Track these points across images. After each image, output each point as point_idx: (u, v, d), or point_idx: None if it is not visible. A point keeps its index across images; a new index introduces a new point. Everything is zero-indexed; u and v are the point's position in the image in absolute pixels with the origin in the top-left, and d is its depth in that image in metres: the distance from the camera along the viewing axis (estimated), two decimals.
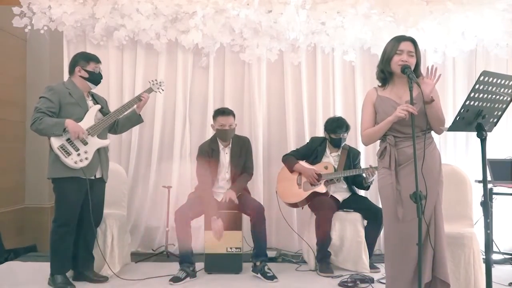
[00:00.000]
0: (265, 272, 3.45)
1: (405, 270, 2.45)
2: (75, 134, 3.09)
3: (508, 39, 4.25)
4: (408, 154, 2.46)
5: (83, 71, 3.27)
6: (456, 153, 4.42)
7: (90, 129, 3.20)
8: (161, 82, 3.66)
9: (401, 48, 2.48)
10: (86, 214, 3.24)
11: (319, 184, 3.78)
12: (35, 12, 4.10)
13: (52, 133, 3.08)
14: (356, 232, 3.66)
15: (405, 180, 2.47)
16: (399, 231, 2.48)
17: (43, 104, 3.12)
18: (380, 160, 2.59)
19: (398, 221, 2.47)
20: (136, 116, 3.50)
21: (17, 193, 4.67)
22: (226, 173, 3.72)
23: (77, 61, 3.30)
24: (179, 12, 4.14)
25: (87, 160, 3.17)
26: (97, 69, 3.32)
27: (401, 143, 2.50)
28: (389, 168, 2.51)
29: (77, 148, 3.14)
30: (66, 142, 3.11)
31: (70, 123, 3.10)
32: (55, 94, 3.16)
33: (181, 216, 3.51)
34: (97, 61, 3.34)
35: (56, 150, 3.09)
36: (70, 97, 3.20)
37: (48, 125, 3.07)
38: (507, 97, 2.21)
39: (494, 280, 2.38)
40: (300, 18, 4.11)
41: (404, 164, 2.50)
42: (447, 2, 4.12)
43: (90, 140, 3.20)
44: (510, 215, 4.21)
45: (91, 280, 3.33)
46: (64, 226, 3.18)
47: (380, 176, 2.60)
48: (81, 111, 3.22)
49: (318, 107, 4.42)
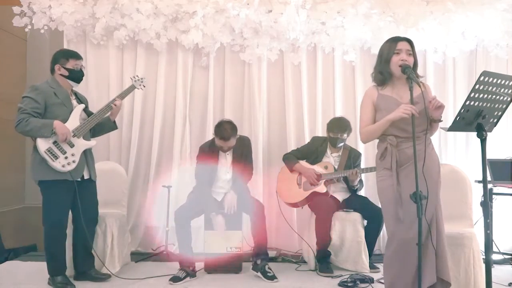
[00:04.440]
0: (266, 271, 3.45)
1: (405, 274, 2.43)
2: (63, 136, 3.02)
3: (508, 39, 4.25)
4: (409, 155, 2.45)
5: (62, 69, 3.18)
6: (456, 153, 4.42)
7: (76, 131, 3.13)
8: (142, 78, 3.59)
9: (399, 47, 2.47)
10: (78, 215, 3.21)
11: (319, 184, 3.78)
12: (35, 11, 4.10)
13: (40, 135, 3.00)
14: (356, 232, 3.66)
15: (406, 181, 2.46)
16: (401, 234, 2.46)
17: (27, 104, 3.03)
18: (380, 161, 2.57)
19: (400, 223, 2.46)
20: (110, 123, 3.42)
21: (17, 193, 4.67)
22: (227, 173, 3.71)
23: (57, 58, 3.20)
24: (179, 12, 4.14)
25: (74, 163, 3.11)
26: (77, 66, 3.21)
27: (403, 144, 2.49)
28: (390, 169, 2.50)
29: (64, 151, 3.07)
30: (53, 145, 3.04)
31: (58, 124, 3.02)
32: (40, 94, 3.07)
33: (181, 216, 3.51)
34: (77, 57, 3.24)
35: (43, 153, 3.01)
36: (56, 97, 3.12)
37: (36, 126, 2.99)
38: (507, 97, 2.21)
39: (494, 280, 2.39)
40: (300, 18, 4.11)
41: (405, 165, 2.49)
42: (447, 2, 4.11)
43: (76, 142, 3.13)
44: (510, 215, 4.21)
45: (93, 278, 3.32)
46: (55, 228, 3.15)
47: (379, 178, 2.58)
48: (66, 111, 3.15)
49: (318, 107, 4.42)
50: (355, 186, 3.80)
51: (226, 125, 3.57)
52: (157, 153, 4.38)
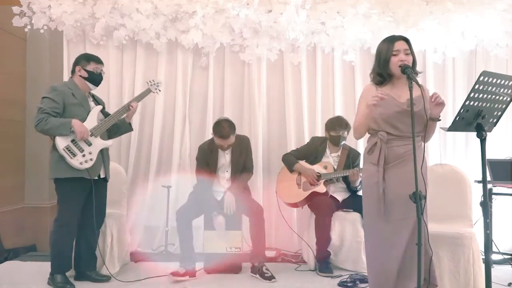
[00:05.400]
0: (263, 272, 3.45)
1: (388, 271, 2.42)
2: (81, 134, 3.11)
3: (508, 39, 4.25)
4: (398, 154, 2.45)
5: (83, 71, 3.28)
6: (455, 153, 4.42)
7: (94, 130, 3.22)
8: (158, 82, 3.70)
9: (396, 48, 2.46)
10: (89, 214, 3.25)
11: (319, 184, 3.78)
12: (35, 11, 4.10)
13: (59, 133, 3.10)
14: (356, 232, 3.66)
15: (392, 179, 2.45)
16: (381, 231, 2.45)
17: (47, 104, 3.13)
18: (368, 155, 2.56)
19: (381, 221, 2.45)
20: (126, 125, 3.52)
21: (16, 193, 4.67)
22: (226, 172, 3.72)
23: (78, 60, 3.32)
24: (179, 12, 4.14)
25: (92, 161, 3.18)
26: (97, 69, 3.32)
27: (393, 141, 2.48)
28: (376, 165, 2.48)
29: (82, 149, 3.16)
30: (71, 143, 3.13)
31: (76, 123, 3.12)
32: (59, 95, 3.17)
33: (183, 216, 3.52)
34: (98, 61, 3.35)
35: (61, 151, 3.10)
36: (73, 97, 3.22)
37: (54, 125, 3.08)
38: (506, 97, 2.21)
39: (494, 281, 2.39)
40: (300, 18, 4.11)
41: (392, 163, 2.47)
42: (447, 2, 4.11)
43: (94, 141, 3.21)
44: (510, 215, 4.21)
45: (93, 279, 3.34)
46: (66, 226, 3.19)
47: (365, 173, 2.58)
48: (84, 112, 3.24)
49: (318, 107, 4.42)
50: (357, 186, 3.80)
51: (224, 123, 3.58)
52: (157, 153, 4.38)
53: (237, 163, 3.71)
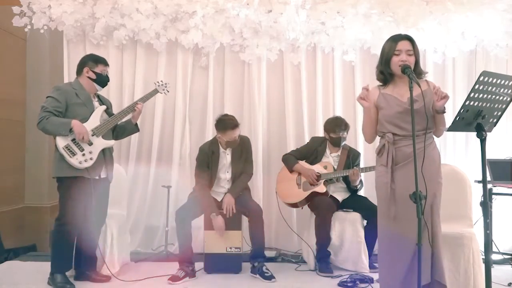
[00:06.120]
0: (263, 272, 3.46)
1: (396, 270, 2.44)
2: (79, 135, 3.12)
3: (508, 39, 4.25)
4: (406, 154, 2.46)
5: (91, 72, 3.30)
6: (455, 153, 4.42)
7: (96, 130, 3.22)
8: (166, 83, 3.73)
9: (398, 48, 2.47)
10: (90, 214, 3.25)
11: (319, 184, 3.78)
12: (35, 11, 4.10)
13: (58, 133, 3.11)
14: (356, 232, 3.66)
15: (401, 179, 2.47)
16: (392, 231, 2.47)
17: (50, 103, 3.15)
18: (378, 157, 2.59)
19: (391, 221, 2.47)
20: (132, 126, 3.53)
21: (16, 193, 4.67)
22: (226, 173, 3.72)
23: (86, 62, 3.34)
24: (179, 12, 4.14)
25: (92, 160, 3.19)
26: (104, 71, 3.36)
27: (400, 141, 2.49)
28: (386, 166, 2.51)
29: (82, 148, 3.16)
30: (72, 142, 3.14)
31: (76, 124, 3.12)
32: (62, 94, 3.19)
33: (182, 216, 3.52)
34: (106, 64, 3.39)
35: (61, 150, 3.11)
36: (77, 97, 3.23)
37: (55, 124, 3.10)
38: (506, 97, 2.21)
39: (494, 281, 2.39)
40: (300, 18, 4.11)
41: (401, 163, 2.49)
42: (447, 2, 4.11)
43: (95, 141, 3.22)
44: (510, 215, 4.21)
45: (93, 279, 3.34)
46: (67, 225, 3.19)
47: (377, 174, 2.60)
48: (87, 112, 3.25)
49: (318, 107, 4.42)
50: (357, 186, 3.80)
51: (227, 116, 3.68)
52: (157, 153, 4.38)
53: (237, 164, 3.71)
